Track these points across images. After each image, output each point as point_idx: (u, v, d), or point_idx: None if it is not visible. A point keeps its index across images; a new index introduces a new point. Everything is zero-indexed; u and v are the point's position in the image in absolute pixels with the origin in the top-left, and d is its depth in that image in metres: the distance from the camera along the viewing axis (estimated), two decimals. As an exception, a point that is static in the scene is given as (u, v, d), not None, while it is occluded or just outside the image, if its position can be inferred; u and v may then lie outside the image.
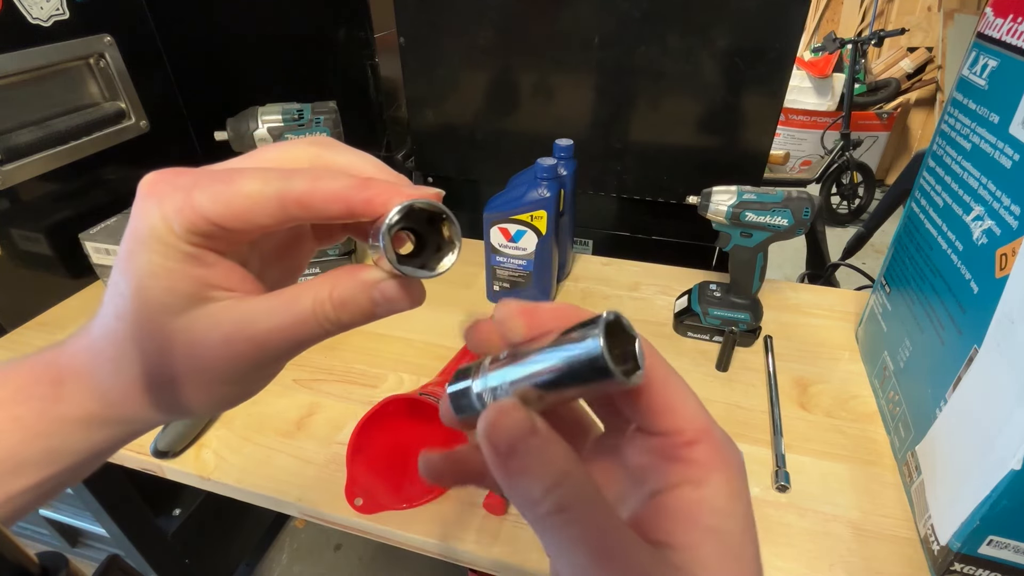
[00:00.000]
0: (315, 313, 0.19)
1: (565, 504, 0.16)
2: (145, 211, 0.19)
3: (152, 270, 0.19)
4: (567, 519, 0.16)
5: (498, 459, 0.16)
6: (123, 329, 0.20)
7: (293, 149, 0.21)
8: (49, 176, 0.79)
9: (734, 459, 0.19)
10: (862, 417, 0.61)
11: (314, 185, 0.18)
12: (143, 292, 0.19)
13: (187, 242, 0.19)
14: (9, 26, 0.73)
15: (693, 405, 0.19)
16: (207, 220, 0.18)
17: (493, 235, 0.74)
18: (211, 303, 0.19)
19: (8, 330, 0.77)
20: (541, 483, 0.16)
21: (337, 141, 0.22)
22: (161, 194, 0.19)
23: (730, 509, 0.18)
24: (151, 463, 0.59)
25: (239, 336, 0.19)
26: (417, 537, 0.50)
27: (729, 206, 0.66)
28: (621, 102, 0.86)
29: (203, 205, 0.18)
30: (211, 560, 1.13)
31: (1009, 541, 0.40)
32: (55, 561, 0.20)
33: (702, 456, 0.18)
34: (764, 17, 0.75)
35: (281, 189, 0.18)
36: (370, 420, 0.51)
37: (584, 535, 0.15)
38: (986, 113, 0.48)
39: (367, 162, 0.21)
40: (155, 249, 0.19)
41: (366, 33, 0.90)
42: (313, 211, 0.19)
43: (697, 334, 0.73)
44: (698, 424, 0.18)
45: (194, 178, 0.19)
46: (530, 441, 0.16)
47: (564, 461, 0.16)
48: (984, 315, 0.43)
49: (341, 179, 0.19)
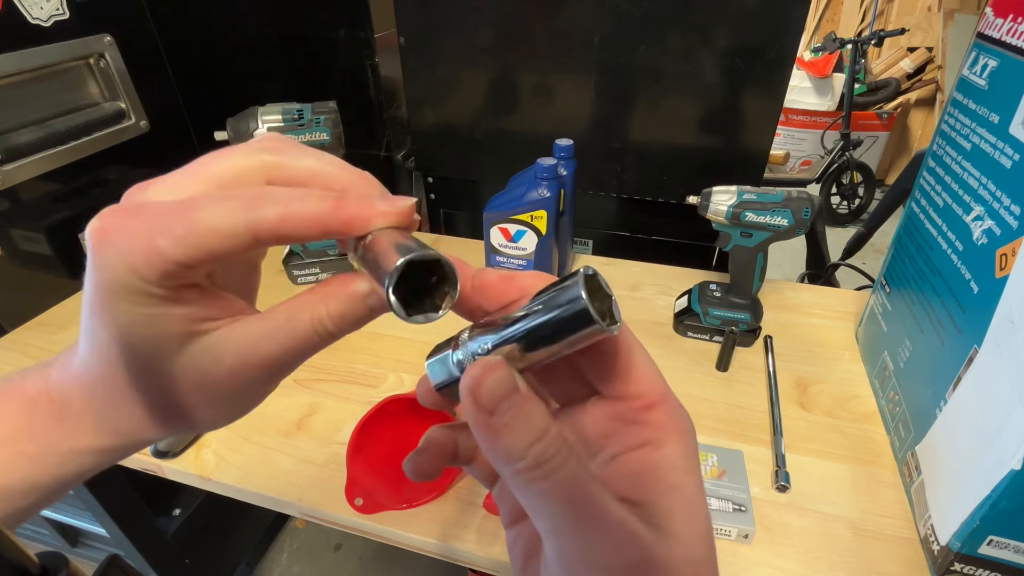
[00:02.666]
0: (316, 331, 0.19)
1: (543, 460, 0.16)
2: (106, 263, 0.17)
3: (133, 320, 0.18)
4: (544, 473, 0.16)
5: (480, 416, 0.17)
6: (115, 374, 0.20)
7: (241, 160, 0.19)
8: (49, 176, 0.79)
9: (687, 423, 0.20)
10: (862, 417, 0.61)
11: (287, 211, 0.17)
12: (130, 342, 0.18)
13: (161, 287, 0.17)
14: (9, 26, 0.73)
15: (652, 371, 0.20)
16: (178, 264, 0.17)
17: (493, 235, 0.74)
18: (204, 336, 0.19)
19: (8, 330, 0.77)
20: (522, 440, 0.16)
21: (288, 140, 0.21)
22: (119, 243, 0.17)
23: (687, 467, 0.19)
24: (151, 463, 0.59)
25: (243, 366, 0.19)
26: (417, 537, 0.50)
27: (729, 206, 0.66)
28: (621, 102, 0.86)
29: (169, 251, 0.17)
30: (211, 560, 1.13)
31: (1009, 541, 0.40)
32: (55, 561, 0.20)
33: (660, 419, 0.19)
34: (764, 17, 0.75)
35: (251, 221, 0.17)
36: (370, 420, 0.51)
37: (561, 489, 0.16)
38: (986, 113, 0.48)
39: (328, 164, 0.20)
40: (130, 300, 0.17)
41: (366, 33, 0.90)
42: (287, 237, 0.18)
43: (697, 334, 0.73)
44: (657, 389, 0.19)
45: (149, 220, 0.17)
46: (513, 398, 0.16)
47: (543, 419, 0.17)
48: (984, 315, 0.43)
49: (313, 201, 0.18)
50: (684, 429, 0.19)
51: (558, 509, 0.16)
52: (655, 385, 0.20)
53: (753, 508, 0.50)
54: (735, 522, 0.48)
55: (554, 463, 0.16)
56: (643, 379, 0.19)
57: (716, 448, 0.55)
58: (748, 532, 0.48)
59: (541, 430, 0.16)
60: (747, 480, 0.52)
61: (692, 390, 0.65)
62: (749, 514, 0.49)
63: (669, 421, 0.19)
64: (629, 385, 0.19)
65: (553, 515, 0.17)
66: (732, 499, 0.50)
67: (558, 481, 0.16)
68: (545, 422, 0.17)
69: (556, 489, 0.16)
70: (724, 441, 0.58)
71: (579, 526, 0.16)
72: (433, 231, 1.13)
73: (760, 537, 0.49)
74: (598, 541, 0.16)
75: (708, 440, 0.58)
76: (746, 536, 0.49)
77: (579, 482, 0.16)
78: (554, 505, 0.16)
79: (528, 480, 0.16)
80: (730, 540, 0.49)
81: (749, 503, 0.50)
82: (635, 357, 0.20)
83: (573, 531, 0.17)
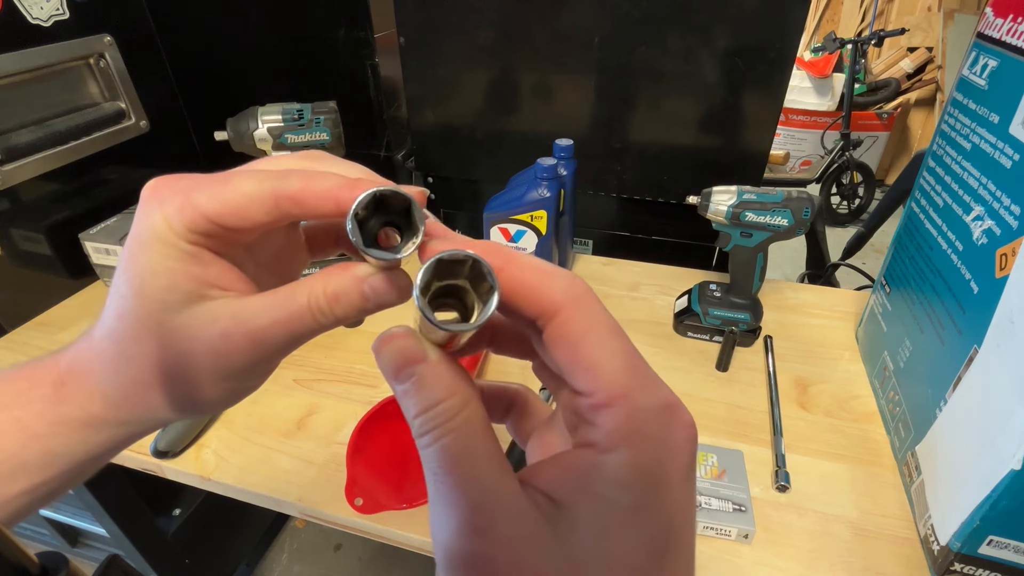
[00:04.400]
0: (310, 308, 0.20)
1: (425, 429, 0.17)
2: (148, 213, 0.20)
3: (153, 268, 0.20)
4: (425, 443, 0.17)
5: (388, 380, 0.18)
6: (123, 328, 0.21)
7: (286, 160, 0.22)
8: (49, 176, 0.79)
9: (657, 436, 0.17)
10: (862, 417, 0.61)
11: (307, 183, 0.19)
12: (144, 291, 0.20)
13: (187, 240, 0.20)
14: (9, 26, 0.73)
15: (616, 364, 0.17)
16: (206, 218, 0.19)
17: (493, 235, 0.74)
18: (209, 301, 0.20)
19: (8, 330, 0.77)
20: (413, 408, 0.17)
21: (328, 154, 0.23)
22: (163, 197, 0.20)
23: (629, 483, 0.16)
24: (151, 463, 0.59)
25: (236, 331, 0.20)
26: (417, 537, 0.50)
27: (729, 206, 0.66)
28: (621, 102, 0.86)
29: (201, 203, 0.19)
30: (211, 560, 1.13)
31: (1009, 541, 0.40)
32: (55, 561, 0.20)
33: (612, 422, 0.16)
34: (764, 17, 0.75)
35: (276, 187, 0.20)
36: (370, 420, 0.51)
37: (435, 459, 0.17)
38: (986, 113, 0.48)
39: (356, 170, 0.22)
40: (156, 249, 0.19)
41: (366, 33, 0.90)
42: (306, 208, 0.20)
43: (697, 334, 0.73)
44: (615, 388, 0.17)
45: (194, 181, 0.20)
46: (410, 368, 0.17)
47: (439, 391, 0.17)
48: (984, 315, 0.43)
49: (332, 178, 0.20)
50: (646, 440, 0.16)
51: (428, 475, 0.17)
52: (610, 381, 0.17)
53: (753, 508, 0.50)
54: (735, 522, 0.48)
55: (438, 433, 0.17)
56: (595, 373, 0.17)
57: (716, 448, 0.55)
58: (748, 532, 0.48)
59: (432, 400, 0.17)
60: (747, 480, 0.52)
61: (692, 390, 0.65)
62: (749, 514, 0.49)
63: (622, 428, 0.16)
64: (579, 379, 0.17)
65: (428, 476, 0.17)
66: (732, 499, 0.50)
67: (431, 453, 0.17)
68: (438, 394, 0.17)
69: (433, 455, 0.17)
70: (724, 441, 0.58)
71: (436, 496, 0.17)
72: (433, 231, 1.12)
73: (760, 537, 0.49)
74: (445, 517, 0.16)
75: (708, 440, 0.58)
76: (746, 536, 0.49)
77: (447, 460, 0.16)
78: (429, 466, 0.17)
79: (419, 444, 0.17)
80: (730, 540, 0.49)
81: (749, 503, 0.50)
82: (590, 348, 0.17)
83: (432, 498, 0.17)
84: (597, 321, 0.17)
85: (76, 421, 0.22)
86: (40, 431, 0.22)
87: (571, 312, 0.17)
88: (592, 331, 0.17)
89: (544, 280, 0.17)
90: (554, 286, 0.17)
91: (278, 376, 0.68)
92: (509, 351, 0.22)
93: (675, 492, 0.17)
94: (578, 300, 0.17)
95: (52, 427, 0.22)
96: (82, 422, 0.22)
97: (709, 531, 0.49)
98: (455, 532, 0.16)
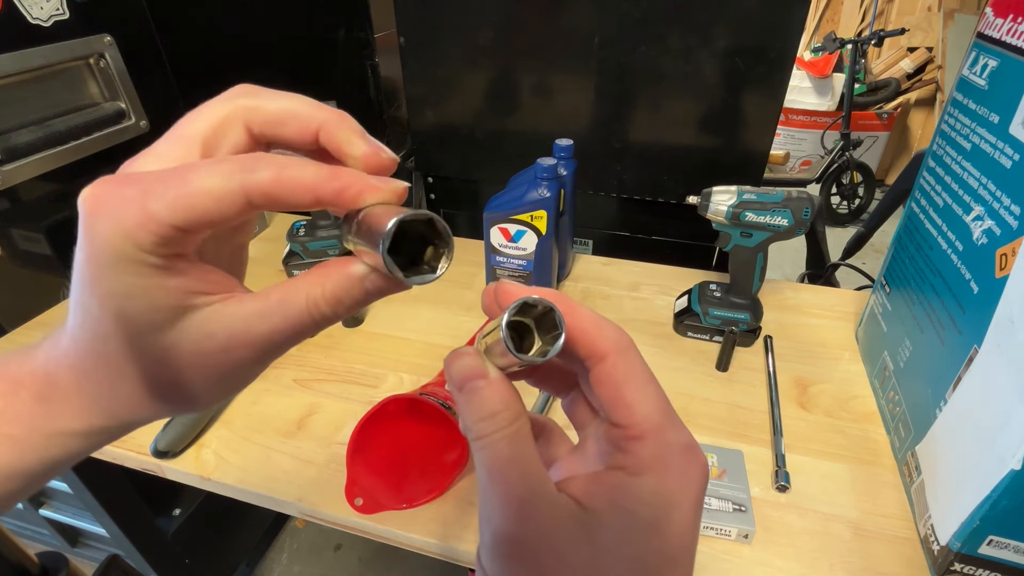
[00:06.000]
0: (310, 312, 0.20)
1: (481, 435, 0.20)
2: (100, 231, 0.17)
3: (128, 291, 0.18)
4: (479, 446, 0.20)
5: (452, 390, 0.21)
6: (106, 349, 0.19)
7: (218, 109, 0.20)
8: (49, 176, 0.79)
9: (678, 468, 0.20)
10: (862, 417, 0.61)
11: (280, 175, 0.18)
12: (124, 314, 0.18)
13: (155, 255, 0.17)
14: (9, 26, 0.72)
15: (650, 407, 0.20)
16: (173, 228, 0.17)
17: (493, 235, 0.74)
18: (196, 311, 0.19)
19: (8, 330, 0.77)
20: (472, 415, 0.20)
21: (260, 87, 0.21)
22: (112, 211, 0.17)
23: (651, 503, 0.19)
24: (151, 463, 0.59)
25: (236, 343, 0.19)
26: (417, 537, 0.50)
27: (729, 206, 0.66)
28: (621, 102, 0.86)
29: (163, 215, 0.17)
30: (211, 560, 1.13)
31: (1009, 541, 0.40)
32: (55, 561, 0.20)
33: (643, 452, 0.20)
34: (764, 17, 0.75)
35: (244, 182, 0.17)
36: (370, 420, 0.51)
37: (489, 459, 0.19)
38: (986, 113, 0.48)
39: (303, 103, 0.20)
40: (124, 270, 0.17)
41: (366, 33, 0.90)
42: (279, 201, 0.18)
43: (697, 334, 0.73)
44: (648, 424, 0.20)
45: (143, 186, 0.17)
46: (475, 382, 0.20)
47: (496, 404, 0.20)
48: (984, 315, 0.43)
49: (308, 168, 0.18)
50: (669, 469, 0.20)
51: (481, 473, 0.20)
52: (645, 418, 0.20)
53: (753, 508, 0.50)
54: (735, 522, 0.48)
55: (489, 439, 0.19)
56: (634, 412, 0.20)
57: (716, 448, 0.55)
58: (748, 532, 0.48)
59: (490, 412, 0.20)
60: (747, 480, 0.52)
61: (692, 390, 0.65)
62: (749, 514, 0.49)
63: (653, 458, 0.20)
64: (619, 415, 0.20)
65: (479, 476, 0.20)
66: (732, 499, 0.50)
67: (487, 455, 0.20)
68: (497, 407, 0.20)
69: (484, 460, 0.20)
70: (724, 441, 0.58)
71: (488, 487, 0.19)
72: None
73: (760, 537, 0.49)
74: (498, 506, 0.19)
75: (708, 440, 0.58)
76: (746, 536, 0.49)
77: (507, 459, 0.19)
78: (479, 468, 0.20)
79: (472, 445, 0.20)
80: (730, 540, 0.49)
81: (749, 503, 0.50)
82: (630, 390, 0.20)
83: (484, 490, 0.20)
84: (637, 369, 0.21)
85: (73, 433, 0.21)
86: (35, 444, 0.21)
87: (616, 359, 0.21)
88: (633, 376, 0.21)
89: (597, 330, 0.21)
90: (605, 335, 0.21)
91: (278, 376, 0.68)
92: (545, 386, 0.25)
93: (686, 516, 0.20)
94: (624, 350, 0.21)
95: (49, 440, 0.21)
96: (80, 433, 0.21)
97: (709, 531, 0.49)
98: (505, 519, 0.19)
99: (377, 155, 0.20)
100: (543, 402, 0.61)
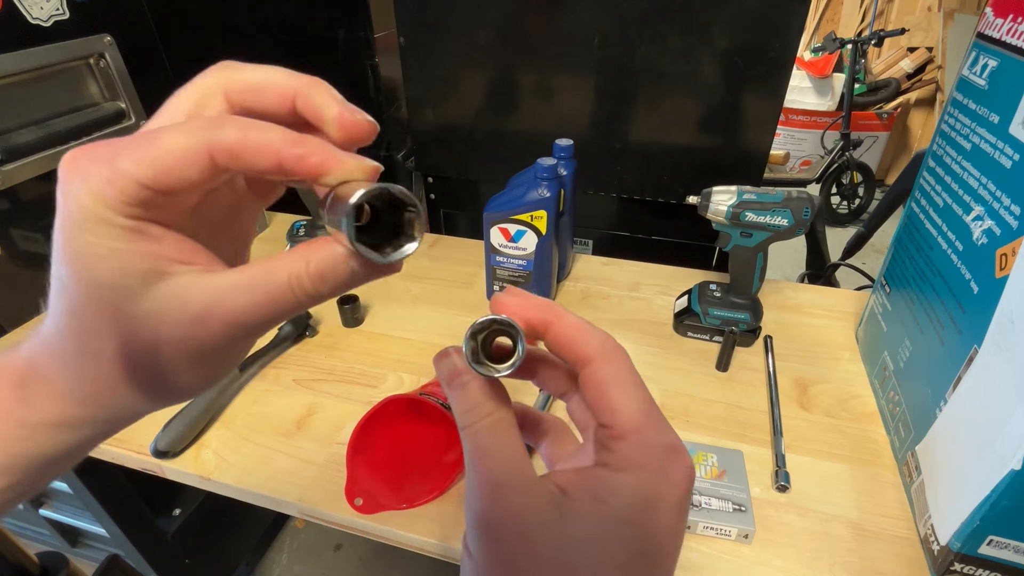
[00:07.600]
0: (292, 288, 0.19)
1: (467, 424, 0.22)
2: (71, 192, 0.17)
3: (97, 253, 0.17)
4: (467, 434, 0.22)
5: (442, 384, 0.23)
6: (79, 323, 0.19)
7: (198, 82, 0.20)
8: (49, 176, 0.79)
9: (657, 468, 0.21)
10: (862, 417, 0.61)
11: (244, 135, 0.17)
12: (94, 280, 0.18)
13: (124, 215, 0.17)
14: (9, 26, 0.73)
15: (633, 408, 0.21)
16: (138, 184, 0.17)
17: (493, 235, 0.74)
18: (171, 279, 0.18)
19: (8, 330, 0.77)
20: (458, 406, 0.22)
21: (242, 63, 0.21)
22: (84, 171, 0.17)
23: (627, 498, 0.20)
24: (151, 463, 0.59)
25: (211, 315, 0.18)
26: (417, 537, 0.50)
27: (729, 206, 0.66)
28: (621, 102, 0.86)
29: (129, 170, 0.17)
30: (211, 560, 1.13)
31: (1009, 541, 0.40)
32: (55, 561, 0.20)
33: (625, 451, 0.21)
34: (764, 17, 0.75)
35: (208, 139, 0.17)
36: (370, 420, 0.51)
37: (471, 446, 0.22)
38: (986, 113, 0.48)
39: (280, 72, 0.21)
40: (94, 231, 0.17)
41: (366, 33, 0.90)
42: (243, 162, 0.18)
43: (697, 334, 0.73)
44: (630, 425, 0.21)
45: (115, 147, 0.17)
46: (460, 377, 0.22)
47: (479, 396, 0.22)
48: (984, 315, 0.43)
49: (273, 131, 0.18)
50: (648, 470, 0.21)
51: (466, 459, 0.22)
52: (627, 419, 0.21)
53: (753, 508, 0.50)
54: (735, 522, 0.48)
55: (473, 428, 0.22)
56: (618, 414, 0.21)
57: (716, 448, 0.55)
58: (748, 532, 0.48)
59: (474, 403, 0.22)
60: (747, 480, 0.52)
61: (692, 390, 0.65)
62: (749, 514, 0.49)
63: (633, 457, 0.21)
64: (602, 415, 0.22)
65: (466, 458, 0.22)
66: (732, 499, 0.50)
67: (470, 442, 0.22)
68: (480, 399, 0.22)
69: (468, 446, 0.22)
70: (724, 441, 0.58)
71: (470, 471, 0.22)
72: (433, 231, 1.13)
73: (760, 537, 0.49)
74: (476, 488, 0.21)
75: (708, 440, 0.58)
76: (746, 536, 0.49)
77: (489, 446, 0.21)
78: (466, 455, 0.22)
79: (460, 435, 0.22)
80: (730, 540, 0.49)
81: (749, 503, 0.50)
82: (615, 394, 0.21)
83: (468, 474, 0.22)
84: (622, 372, 0.22)
85: (46, 424, 0.21)
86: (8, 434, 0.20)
87: (601, 363, 0.22)
88: (617, 379, 0.22)
89: (582, 336, 0.22)
90: (589, 341, 0.22)
91: (278, 376, 0.68)
92: (547, 387, 0.26)
93: (665, 515, 0.21)
94: (608, 354, 0.22)
95: (22, 431, 0.20)
96: (52, 424, 0.21)
97: (709, 531, 0.49)
98: (481, 500, 0.21)
99: (352, 115, 0.20)
100: (543, 402, 0.61)
